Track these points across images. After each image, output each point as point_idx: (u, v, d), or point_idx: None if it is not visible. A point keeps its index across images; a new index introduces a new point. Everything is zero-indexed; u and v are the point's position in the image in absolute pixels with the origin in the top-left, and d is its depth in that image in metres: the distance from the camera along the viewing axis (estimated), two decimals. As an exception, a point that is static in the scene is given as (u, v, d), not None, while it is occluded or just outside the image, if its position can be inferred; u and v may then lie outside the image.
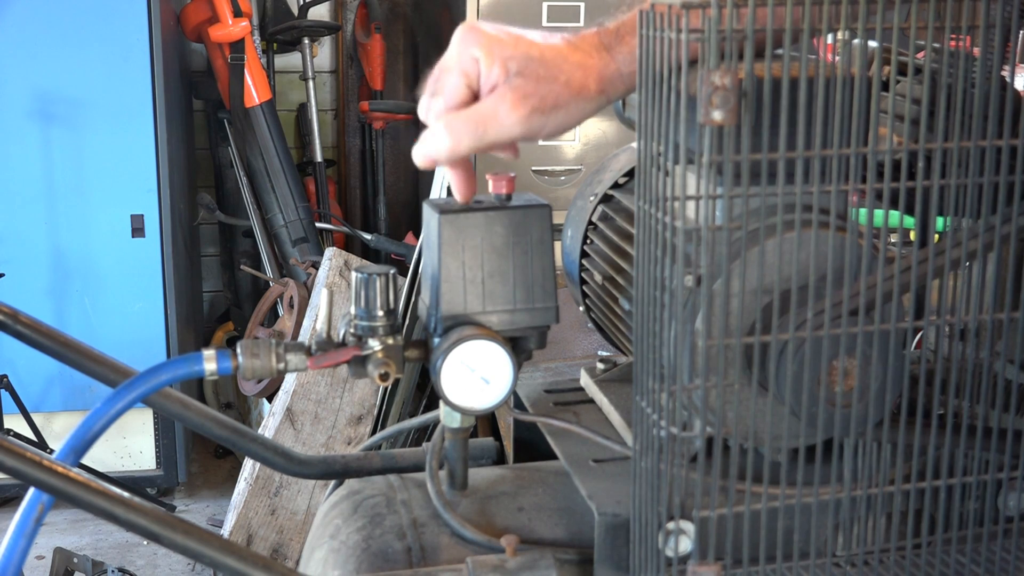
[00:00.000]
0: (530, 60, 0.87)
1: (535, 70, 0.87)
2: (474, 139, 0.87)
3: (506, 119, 0.86)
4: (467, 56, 0.88)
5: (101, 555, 3.18)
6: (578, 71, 0.88)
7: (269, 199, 3.73)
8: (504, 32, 0.88)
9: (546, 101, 0.86)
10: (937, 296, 0.82)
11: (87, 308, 3.46)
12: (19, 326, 1.00)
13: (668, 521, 0.80)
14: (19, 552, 0.82)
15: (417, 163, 0.90)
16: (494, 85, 0.87)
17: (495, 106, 0.86)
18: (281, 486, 2.85)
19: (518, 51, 0.87)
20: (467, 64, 0.88)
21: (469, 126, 0.87)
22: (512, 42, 0.87)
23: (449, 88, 0.89)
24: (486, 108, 0.87)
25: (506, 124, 0.86)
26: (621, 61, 0.89)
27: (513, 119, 0.86)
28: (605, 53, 0.89)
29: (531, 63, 0.87)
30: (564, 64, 0.87)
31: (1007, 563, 0.85)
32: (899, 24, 0.74)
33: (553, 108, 0.87)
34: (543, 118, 0.87)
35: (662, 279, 0.77)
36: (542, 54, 0.87)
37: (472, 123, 0.87)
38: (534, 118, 0.86)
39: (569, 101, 0.87)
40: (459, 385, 0.89)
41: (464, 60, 0.88)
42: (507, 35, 0.88)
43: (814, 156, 0.75)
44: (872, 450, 0.83)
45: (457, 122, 0.87)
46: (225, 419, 1.10)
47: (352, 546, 0.95)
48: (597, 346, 2.11)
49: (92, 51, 3.29)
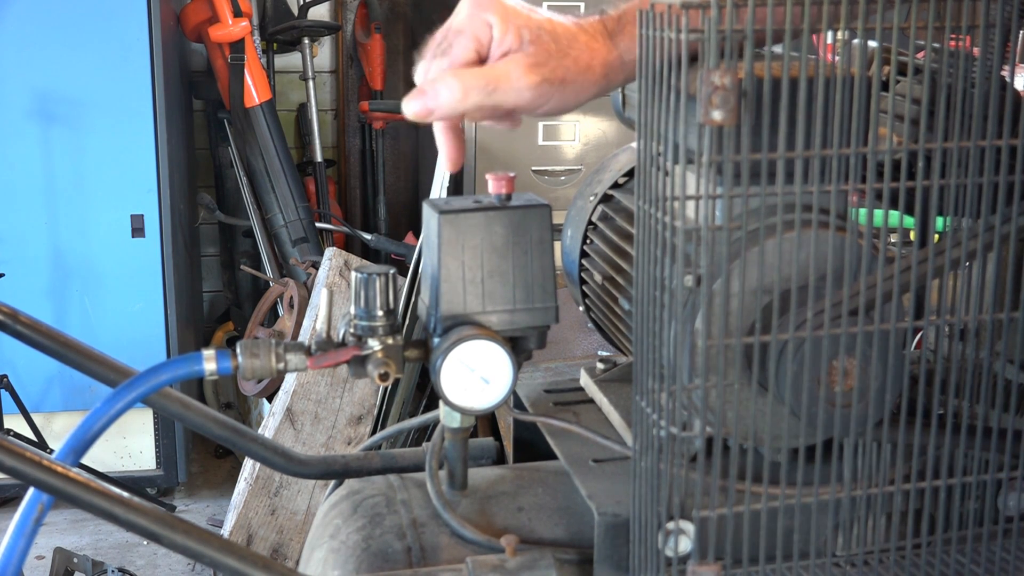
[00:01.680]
0: (543, 31, 0.88)
1: (547, 42, 0.87)
2: (482, 95, 0.86)
3: (517, 82, 0.86)
4: (480, 20, 0.88)
5: (101, 555, 3.18)
6: (585, 51, 0.89)
7: (269, 199, 3.73)
8: (517, 3, 0.89)
9: (556, 73, 0.87)
10: (937, 296, 0.82)
11: (87, 308, 3.46)
12: (19, 326, 1.00)
13: (668, 521, 0.80)
14: (19, 552, 0.82)
15: (410, 114, 0.88)
16: (507, 51, 0.87)
17: (508, 68, 0.87)
18: (281, 486, 2.85)
19: (532, 22, 0.88)
20: (479, 28, 0.88)
21: (480, 81, 0.86)
22: (525, 11, 0.89)
23: (458, 51, 0.88)
24: (499, 67, 0.87)
25: (516, 86, 0.86)
26: (623, 49, 0.90)
27: (524, 83, 0.86)
28: (608, 40, 0.90)
29: (544, 35, 0.88)
30: (574, 42, 0.88)
31: (1007, 563, 0.85)
32: (899, 24, 0.74)
33: (561, 82, 0.88)
34: (551, 89, 0.87)
35: (662, 279, 0.77)
36: (554, 29, 0.88)
37: (483, 79, 0.87)
38: (543, 87, 0.87)
39: (576, 78, 0.88)
40: (459, 385, 0.89)
41: (476, 24, 0.88)
42: (521, 5, 0.89)
43: (814, 156, 0.75)
44: (872, 450, 0.83)
45: (467, 76, 0.87)
46: (225, 419, 1.10)
47: (352, 546, 0.95)
48: (597, 346, 2.11)
49: (92, 51, 3.29)
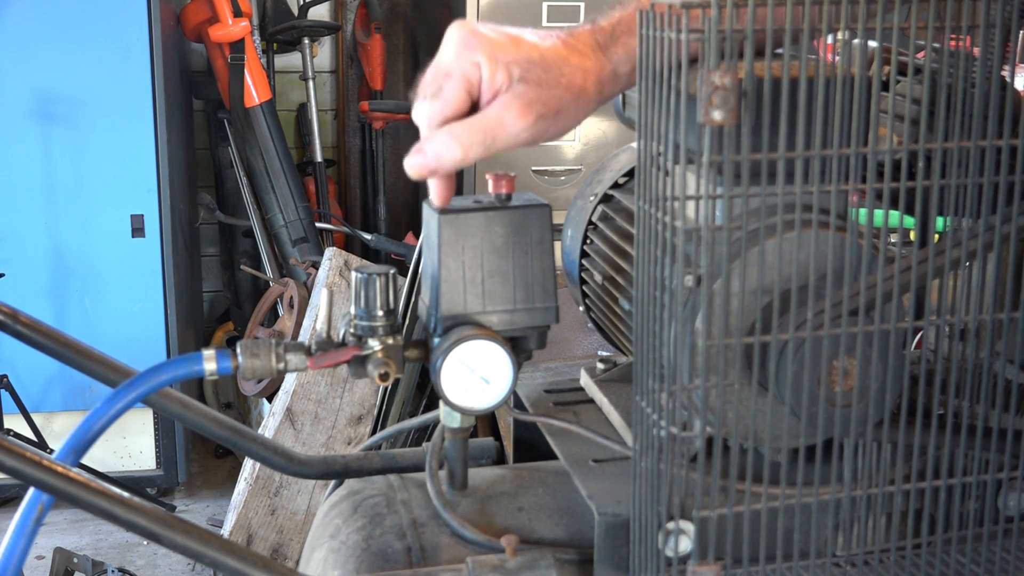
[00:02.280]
0: (532, 64, 0.86)
1: (537, 75, 0.86)
2: (483, 148, 0.86)
3: (512, 127, 0.86)
4: (468, 61, 0.86)
5: (101, 555, 3.18)
6: (577, 74, 0.87)
7: (269, 199, 3.73)
8: (502, 34, 0.87)
9: (549, 107, 0.86)
10: (937, 296, 0.82)
11: (87, 308, 3.46)
12: (19, 326, 1.00)
13: (668, 521, 0.80)
14: (19, 552, 0.82)
15: (413, 174, 0.88)
16: (497, 91, 0.86)
17: (501, 114, 0.85)
18: (281, 486, 2.85)
19: (520, 55, 0.86)
20: (468, 69, 0.86)
21: (477, 136, 0.86)
22: (512, 45, 0.86)
23: (449, 94, 0.87)
24: (492, 117, 0.86)
25: (513, 132, 0.86)
26: (616, 61, 0.89)
27: (520, 126, 0.86)
28: (601, 54, 0.89)
29: (533, 67, 0.86)
30: (564, 67, 0.87)
31: (1007, 563, 0.85)
32: (899, 24, 0.74)
33: (556, 113, 0.87)
34: (547, 123, 0.87)
35: (662, 279, 0.77)
36: (543, 56, 0.87)
37: (480, 133, 0.86)
38: (539, 124, 0.86)
39: (570, 104, 0.87)
40: (459, 385, 0.89)
41: (465, 65, 0.86)
42: (506, 38, 0.87)
43: (814, 156, 0.75)
44: (872, 450, 0.83)
45: (464, 132, 0.86)
46: (225, 419, 1.10)
47: (352, 546, 0.95)
48: (597, 346, 2.11)
49: (92, 51, 3.29)
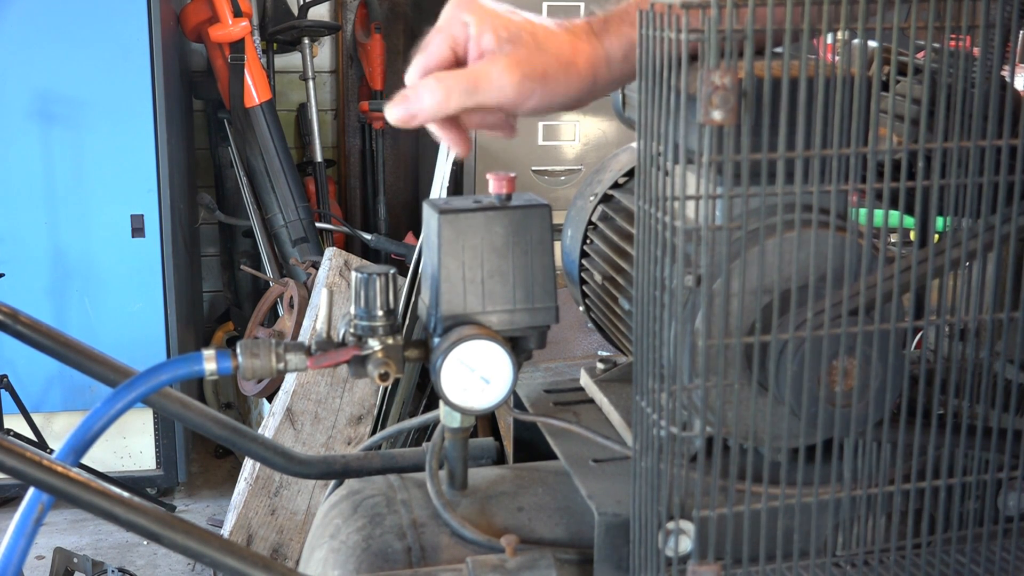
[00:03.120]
0: (522, 31, 0.88)
1: (526, 40, 0.88)
2: (464, 96, 0.87)
3: (497, 80, 0.86)
4: (456, 20, 0.88)
5: (101, 555, 3.18)
6: (567, 47, 0.89)
7: (269, 199, 3.73)
8: (498, 5, 0.90)
9: (536, 69, 0.87)
10: (937, 296, 0.82)
11: (87, 308, 3.46)
12: (19, 326, 1.00)
13: (668, 521, 0.80)
14: (19, 552, 0.82)
15: (393, 119, 0.88)
16: (483, 51, 0.88)
17: (487, 67, 0.87)
18: (281, 486, 2.85)
19: (511, 23, 0.88)
20: (455, 28, 0.88)
21: (461, 83, 0.87)
22: (506, 14, 0.89)
23: (433, 48, 0.89)
24: (479, 68, 0.87)
25: (498, 84, 0.86)
26: (609, 47, 0.90)
27: (504, 80, 0.86)
28: (594, 38, 0.90)
29: (523, 33, 0.88)
30: (553, 39, 0.89)
31: (1007, 563, 0.85)
32: (899, 24, 0.74)
33: (543, 77, 0.88)
34: (532, 85, 0.87)
35: (662, 279, 0.77)
36: (533, 28, 0.89)
37: (464, 80, 0.87)
38: (525, 83, 0.87)
39: (558, 73, 0.88)
40: (459, 385, 0.89)
41: (453, 23, 0.88)
42: (501, 8, 0.89)
43: (814, 156, 0.75)
44: (872, 450, 0.83)
45: (448, 79, 0.87)
46: (225, 419, 1.10)
47: (352, 546, 0.95)
48: (597, 346, 2.11)
49: (92, 51, 3.29)
